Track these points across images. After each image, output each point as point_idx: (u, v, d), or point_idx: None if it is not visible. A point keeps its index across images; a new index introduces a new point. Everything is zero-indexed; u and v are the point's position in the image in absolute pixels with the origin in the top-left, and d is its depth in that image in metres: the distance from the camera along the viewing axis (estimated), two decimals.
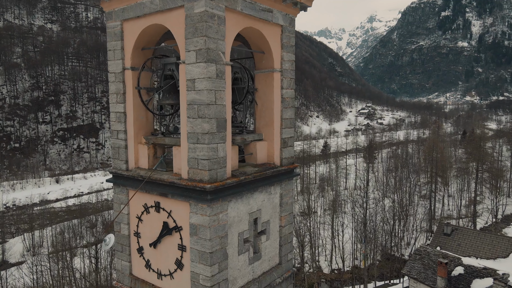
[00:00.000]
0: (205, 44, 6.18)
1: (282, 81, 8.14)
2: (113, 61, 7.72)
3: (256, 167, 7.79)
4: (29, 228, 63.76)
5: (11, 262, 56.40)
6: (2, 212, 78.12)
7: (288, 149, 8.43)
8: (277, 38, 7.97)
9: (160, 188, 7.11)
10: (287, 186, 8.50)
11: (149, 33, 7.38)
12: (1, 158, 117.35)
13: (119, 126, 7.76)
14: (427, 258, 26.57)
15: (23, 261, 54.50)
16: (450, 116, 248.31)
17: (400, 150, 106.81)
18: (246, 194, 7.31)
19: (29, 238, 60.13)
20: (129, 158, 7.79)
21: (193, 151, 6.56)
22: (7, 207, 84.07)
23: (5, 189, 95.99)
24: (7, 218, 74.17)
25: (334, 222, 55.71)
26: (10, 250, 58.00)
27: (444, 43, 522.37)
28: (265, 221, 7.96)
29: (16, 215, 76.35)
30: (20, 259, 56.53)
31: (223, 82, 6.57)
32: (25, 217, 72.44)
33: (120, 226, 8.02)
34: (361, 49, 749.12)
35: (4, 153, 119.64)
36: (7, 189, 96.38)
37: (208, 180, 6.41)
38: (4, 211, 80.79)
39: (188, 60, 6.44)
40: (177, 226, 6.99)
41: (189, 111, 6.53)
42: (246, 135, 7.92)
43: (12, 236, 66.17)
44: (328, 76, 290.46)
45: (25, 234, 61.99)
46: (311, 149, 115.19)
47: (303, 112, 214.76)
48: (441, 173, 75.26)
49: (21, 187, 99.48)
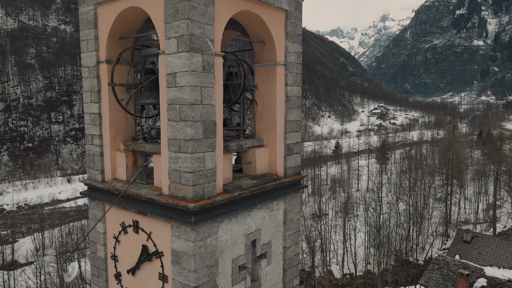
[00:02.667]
0: (188, 29, 4.96)
1: (287, 76, 6.86)
2: (86, 53, 6.56)
3: (255, 179, 6.53)
4: (39, 228, 63.75)
5: (20, 262, 56.33)
6: (13, 212, 78.69)
7: (294, 156, 7.15)
8: (280, 25, 6.70)
9: (137, 205, 5.92)
10: (293, 201, 7.22)
11: (127, 19, 6.19)
12: (15, 157, 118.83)
13: (94, 130, 6.60)
14: (446, 268, 24.91)
15: (32, 261, 54.34)
16: (465, 116, 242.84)
17: (414, 151, 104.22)
18: (242, 213, 6.08)
19: (39, 238, 60.06)
20: (105, 167, 6.62)
21: (174, 161, 5.35)
22: (19, 206, 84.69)
23: (18, 189, 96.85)
24: (18, 218, 74.58)
25: (346, 225, 54.05)
26: (19, 250, 57.95)
27: (459, 42, 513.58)
28: (265, 242, 6.70)
29: (27, 214, 76.74)
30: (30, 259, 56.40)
31: (211, 77, 5.34)
32: (36, 217, 72.62)
33: (96, 247, 6.86)
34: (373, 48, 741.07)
35: (17, 153, 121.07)
36: (19, 189, 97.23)
37: (192, 197, 5.20)
38: (16, 210, 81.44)
39: (168, 50, 5.23)
40: (157, 251, 5.78)
41: (170, 112, 5.33)
42: (243, 140, 6.67)
43: (22, 235, 66.33)
44: (340, 75, 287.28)
45: (35, 234, 61.98)
46: (322, 149, 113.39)
47: (314, 112, 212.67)
48: (457, 175, 72.75)
49: (34, 187, 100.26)
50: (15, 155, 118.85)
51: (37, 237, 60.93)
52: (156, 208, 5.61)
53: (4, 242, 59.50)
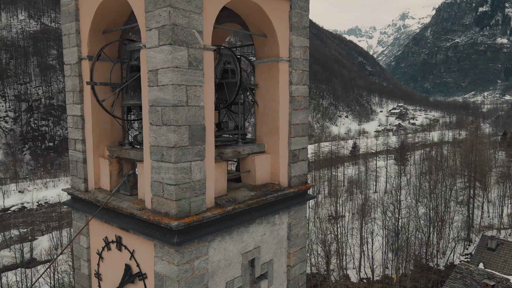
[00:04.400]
0: (170, 18, 4.25)
1: (291, 74, 6.07)
2: (68, 49, 5.93)
3: (254, 189, 5.77)
4: (57, 226, 64.69)
5: (38, 260, 57.19)
6: (34, 210, 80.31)
7: (299, 164, 6.35)
8: (283, 16, 5.91)
9: (119, 219, 5.25)
10: (298, 213, 6.43)
11: (109, 10, 5.53)
12: (36, 156, 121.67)
13: (76, 134, 5.96)
14: (470, 277, 23.53)
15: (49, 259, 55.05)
16: (489, 116, 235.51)
17: (434, 152, 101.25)
18: (237, 229, 5.33)
19: (57, 236, 60.91)
20: (88, 175, 5.97)
21: (156, 171, 4.65)
22: (39, 204, 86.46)
23: (38, 187, 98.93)
24: (37, 216, 76.05)
25: (363, 229, 52.60)
26: (37, 248, 58.84)
27: (482, 40, 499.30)
28: (266, 261, 5.94)
29: (46, 213, 78.19)
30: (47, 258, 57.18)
31: (199, 74, 4.61)
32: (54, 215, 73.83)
33: (80, 262, 6.23)
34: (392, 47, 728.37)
35: (38, 152, 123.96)
36: (40, 187, 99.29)
37: (175, 214, 4.48)
38: (36, 208, 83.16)
39: (149, 43, 4.53)
40: (140, 272, 5.10)
41: (151, 115, 4.62)
42: (241, 146, 5.91)
43: (41, 233, 67.47)
44: (357, 75, 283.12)
45: (53, 232, 62.90)
46: (339, 150, 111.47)
47: (331, 112, 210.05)
48: (480, 177, 70.03)
49: (53, 185, 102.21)
50: (36, 154, 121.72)
51: (55, 235, 61.80)
52: (138, 224, 4.93)
53: (24, 239, 60.62)
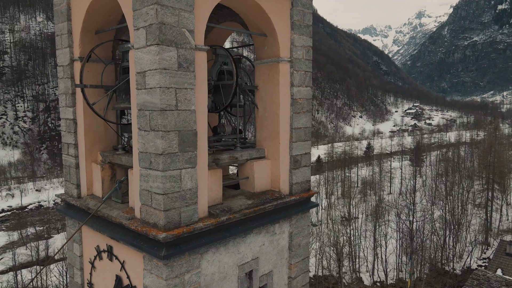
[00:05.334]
0: (157, 16, 3.98)
1: (293, 75, 5.74)
2: (60, 50, 5.74)
3: (252, 197, 5.46)
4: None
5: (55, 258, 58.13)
6: (50, 208, 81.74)
7: (301, 170, 6.01)
8: (284, 14, 5.59)
9: (109, 228, 5.01)
10: (300, 222, 6.09)
11: (101, 9, 5.30)
12: (53, 156, 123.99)
13: (69, 138, 5.77)
14: (487, 284, 22.69)
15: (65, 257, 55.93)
16: (508, 116, 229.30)
17: (451, 153, 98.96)
18: (233, 240, 5.03)
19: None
20: (81, 181, 5.77)
21: (145, 179, 4.39)
22: (56, 203, 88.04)
23: (55, 186, 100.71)
24: (53, 214, 77.40)
25: (377, 231, 51.68)
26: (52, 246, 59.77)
27: (501, 38, 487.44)
28: (265, 273, 5.62)
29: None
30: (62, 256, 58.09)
31: (190, 76, 4.33)
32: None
33: (73, 271, 6.04)
34: (408, 46, 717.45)
35: (55, 151, 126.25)
36: (56, 186, 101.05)
37: (164, 225, 4.21)
38: (52, 207, 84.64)
39: (137, 44, 4.27)
40: (131, 285, 4.85)
41: (140, 120, 4.36)
42: (238, 151, 5.61)
43: (57, 231, 68.61)
44: (372, 75, 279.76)
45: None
46: (353, 150, 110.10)
47: (345, 112, 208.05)
48: (498, 179, 68.04)
49: None
50: (53, 154, 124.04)
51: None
52: (127, 235, 4.68)
53: (40, 237, 61.73)
